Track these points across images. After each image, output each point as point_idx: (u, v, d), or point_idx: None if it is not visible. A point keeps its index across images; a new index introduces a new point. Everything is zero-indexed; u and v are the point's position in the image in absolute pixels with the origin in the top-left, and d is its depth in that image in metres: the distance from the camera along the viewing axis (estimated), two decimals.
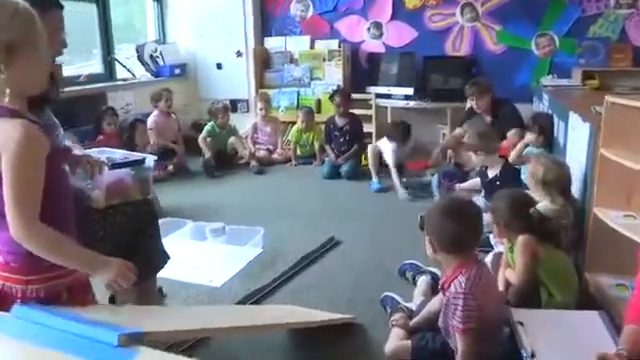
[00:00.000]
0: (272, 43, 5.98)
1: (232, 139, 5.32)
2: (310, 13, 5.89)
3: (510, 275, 2.25)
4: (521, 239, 2.18)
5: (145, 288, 2.32)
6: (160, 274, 2.52)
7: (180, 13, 6.20)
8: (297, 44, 5.87)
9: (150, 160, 2.29)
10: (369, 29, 5.68)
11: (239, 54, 6.00)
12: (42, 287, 1.46)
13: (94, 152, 2.42)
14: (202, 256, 3.15)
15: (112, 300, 2.32)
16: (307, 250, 3.16)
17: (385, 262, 3.00)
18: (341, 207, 4.08)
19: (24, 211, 1.34)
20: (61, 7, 1.94)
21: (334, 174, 4.83)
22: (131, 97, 5.34)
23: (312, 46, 5.83)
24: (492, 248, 2.80)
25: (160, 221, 3.47)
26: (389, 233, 3.48)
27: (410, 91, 5.39)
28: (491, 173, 3.58)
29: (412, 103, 5.36)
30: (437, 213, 1.77)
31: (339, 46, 5.62)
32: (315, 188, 4.61)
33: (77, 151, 2.09)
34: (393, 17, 5.59)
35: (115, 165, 2.15)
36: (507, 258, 2.33)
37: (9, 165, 1.32)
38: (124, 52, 5.82)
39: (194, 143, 5.30)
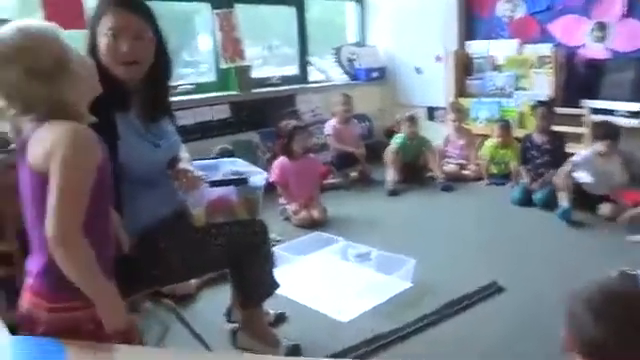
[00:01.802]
0: (474, 47, 5.39)
1: (423, 150, 4.91)
2: (520, 13, 5.14)
3: None
4: None
5: (250, 315, 2.11)
6: (290, 294, 2.32)
7: (380, 15, 5.95)
8: (502, 48, 5.20)
9: (260, 179, 2.05)
10: (592, 30, 4.77)
11: (438, 59, 5.54)
12: (67, 316, 1.33)
13: (223, 162, 2.30)
14: (341, 281, 2.85)
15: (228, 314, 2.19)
16: (462, 292, 2.66)
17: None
18: (521, 242, 3.41)
19: (65, 218, 1.23)
20: (123, 11, 1.76)
21: (526, 200, 4.12)
22: (320, 100, 5.25)
23: (519, 51, 5.11)
24: None
25: (311, 235, 3.41)
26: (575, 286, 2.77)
27: (638, 107, 4.40)
28: None
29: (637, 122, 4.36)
30: (584, 303, 1.20)
31: (551, 51, 4.82)
32: (498, 214, 3.98)
33: (182, 164, 1.94)
34: (626, 15, 4.59)
35: (215, 183, 1.95)
36: None
37: (55, 170, 1.23)
38: (324, 55, 5.78)
39: (384, 150, 4.99)
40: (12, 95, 1.27)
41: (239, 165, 2.30)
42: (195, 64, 4.95)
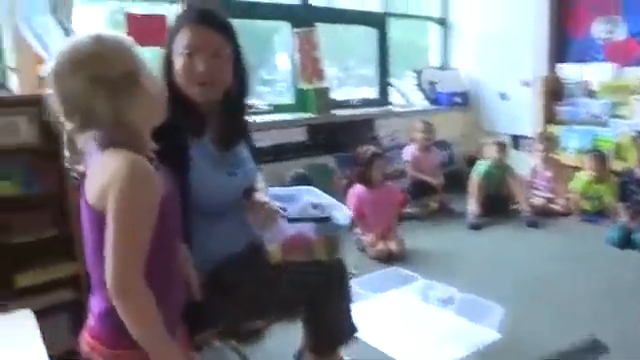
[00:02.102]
0: (566, 71, 5.04)
1: (508, 180, 4.61)
2: (619, 35, 4.77)
3: None
4: None
5: None
6: (366, 337, 2.15)
7: (464, 37, 5.71)
8: (597, 72, 4.82)
9: (343, 217, 1.88)
10: None
11: (526, 84, 5.23)
12: None
13: (300, 192, 2.15)
14: (421, 325, 2.64)
15: None
16: (557, 348, 2.38)
17: None
18: (623, 291, 3.05)
19: (124, 268, 1.12)
20: (201, 27, 1.63)
21: (625, 242, 3.73)
22: (400, 125, 5.05)
23: (617, 75, 4.72)
24: None
25: (388, 270, 3.21)
26: None
27: None
28: None
29: None
30: None
31: None
32: (594, 257, 3.62)
33: (259, 195, 1.79)
34: None
35: (294, 219, 1.80)
36: None
37: (113, 207, 1.12)
38: (403, 78, 5.59)
39: (465, 179, 4.75)
40: (73, 105, 1.16)
41: (319, 196, 2.14)
42: (272, 83, 4.90)
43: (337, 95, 4.91)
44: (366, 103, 5.09)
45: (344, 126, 4.65)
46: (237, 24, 1.70)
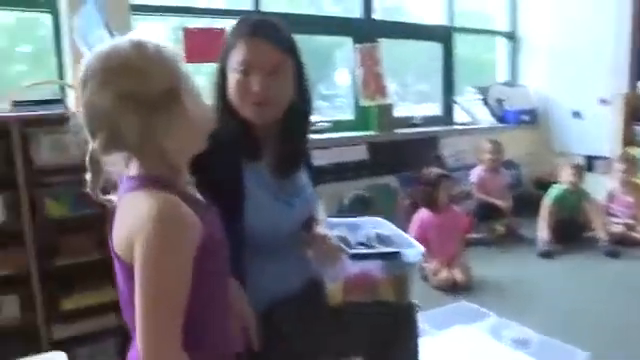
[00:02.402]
0: None
1: (583, 205, 4.28)
2: None
3: None
4: None
5: None
6: None
7: (535, 52, 5.40)
8: None
9: (414, 253, 1.68)
10: None
11: (603, 102, 4.88)
12: None
13: (365, 222, 1.98)
14: None
15: None
16: None
17: None
18: None
19: (155, 333, 0.92)
20: (258, 41, 1.45)
21: None
22: (465, 144, 4.80)
23: None
24: None
25: (456, 305, 2.97)
26: None
27: None
28: None
29: None
30: None
31: None
32: None
33: (319, 227, 1.61)
34: None
35: (358, 256, 1.61)
36: None
37: (139, 262, 0.93)
38: (464, 94, 5.34)
39: (533, 202, 4.44)
40: (98, 120, 0.99)
41: (386, 228, 1.95)
42: (331, 98, 4.78)
43: (397, 112, 4.70)
44: (429, 120, 4.86)
45: (407, 144, 4.45)
46: (298, 40, 1.54)
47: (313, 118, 1.67)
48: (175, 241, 0.95)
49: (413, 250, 1.69)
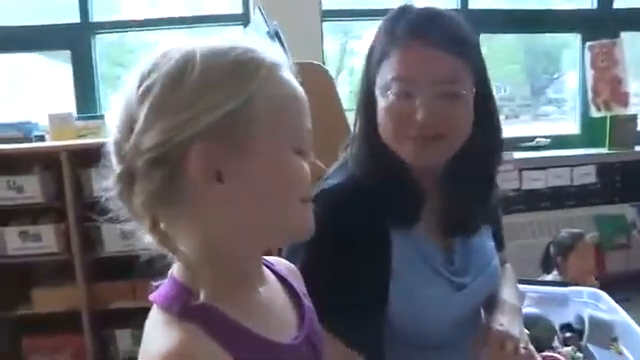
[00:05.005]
0: None
1: None
2: None
3: None
4: None
5: None
6: None
7: None
8: None
9: None
10: None
11: None
12: None
13: (574, 294, 1.42)
14: None
15: None
16: None
17: None
18: None
19: None
20: (423, 46, 0.94)
21: None
22: None
23: None
24: None
25: None
26: None
27: None
28: None
29: None
30: None
31: None
32: None
33: (502, 316, 1.06)
34: None
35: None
36: None
37: None
38: None
39: None
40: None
41: (604, 306, 1.34)
42: (553, 109, 4.23)
43: None
44: None
45: None
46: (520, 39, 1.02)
47: (503, 154, 1.11)
48: None
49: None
